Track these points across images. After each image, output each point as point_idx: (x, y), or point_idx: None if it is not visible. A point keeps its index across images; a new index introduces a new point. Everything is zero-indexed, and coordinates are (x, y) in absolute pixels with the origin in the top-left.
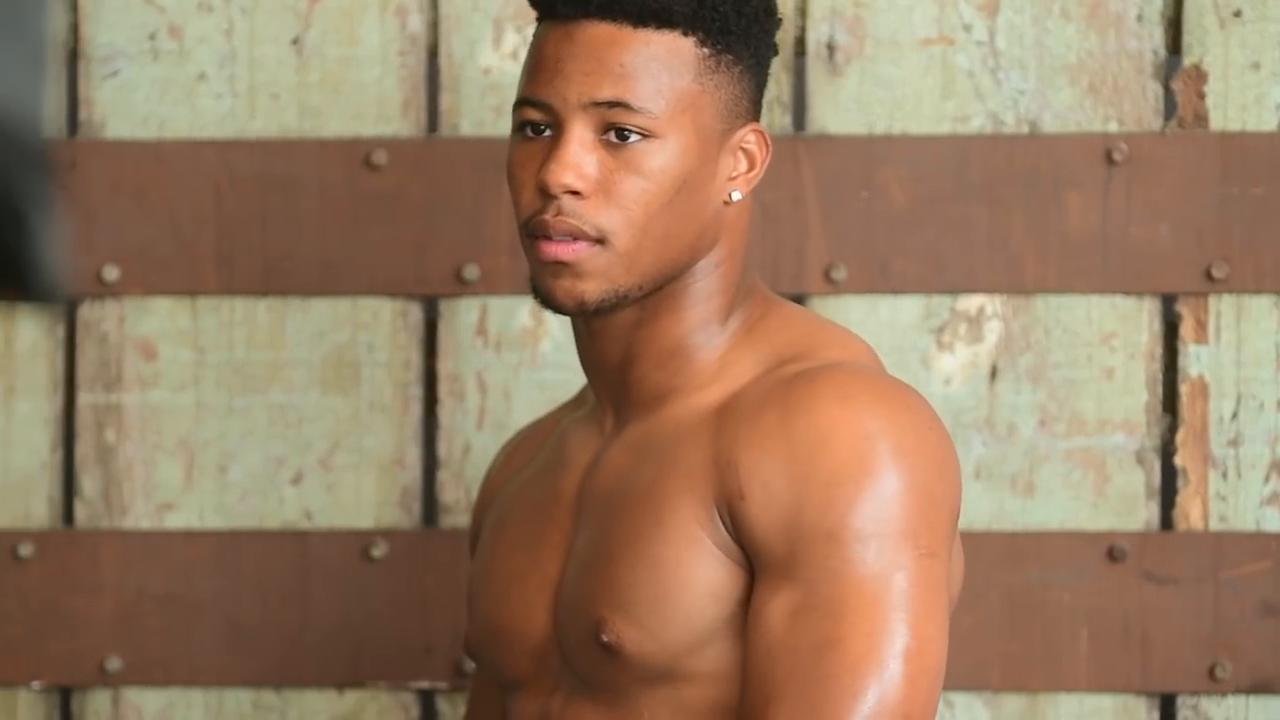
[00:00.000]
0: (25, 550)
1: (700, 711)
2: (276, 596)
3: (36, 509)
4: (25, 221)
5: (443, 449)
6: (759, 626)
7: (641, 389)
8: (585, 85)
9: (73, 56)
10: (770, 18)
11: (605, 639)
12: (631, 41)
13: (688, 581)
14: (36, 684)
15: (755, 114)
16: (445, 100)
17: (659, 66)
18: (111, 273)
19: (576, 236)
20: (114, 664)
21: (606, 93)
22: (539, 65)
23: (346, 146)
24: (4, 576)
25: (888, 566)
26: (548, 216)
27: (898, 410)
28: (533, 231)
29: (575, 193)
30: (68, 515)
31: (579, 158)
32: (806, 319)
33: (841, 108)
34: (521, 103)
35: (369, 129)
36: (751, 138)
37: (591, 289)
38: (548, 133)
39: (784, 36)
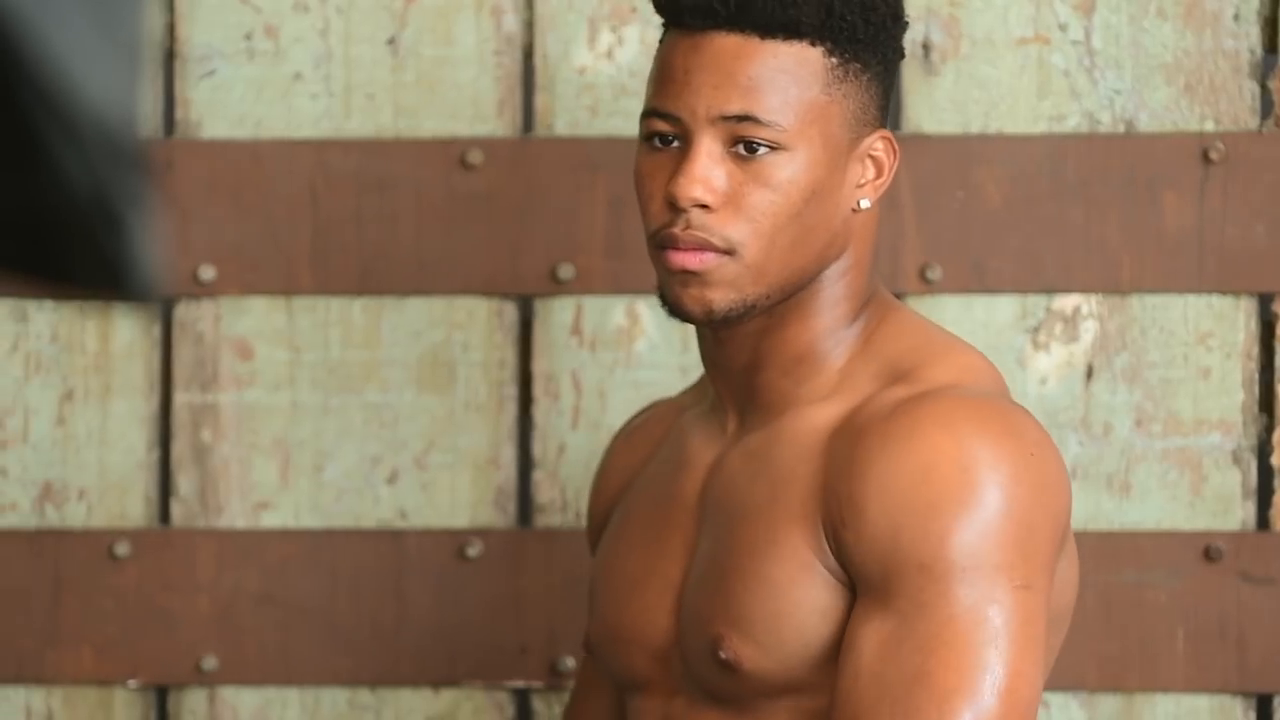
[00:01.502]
0: (122, 549)
1: (818, 716)
2: (372, 596)
3: (133, 508)
4: (122, 222)
5: (537, 448)
6: (850, 651)
7: (766, 394)
8: (713, 99)
9: (169, 57)
10: (897, 23)
11: (723, 655)
12: (759, 53)
13: (801, 602)
14: (133, 682)
15: (883, 120)
16: (540, 100)
17: (787, 78)
18: (207, 272)
19: (704, 248)
20: (210, 663)
21: (735, 106)
22: (667, 76)
23: (442, 146)
24: (101, 576)
25: (981, 600)
26: (676, 230)
27: (998, 438)
28: (661, 243)
29: (704, 206)
30: (164, 515)
31: (707, 171)
32: (920, 327)
33: (937, 107)
34: (649, 113)
35: (464, 129)
36: (879, 145)
37: (719, 298)
38: (676, 144)
39: None
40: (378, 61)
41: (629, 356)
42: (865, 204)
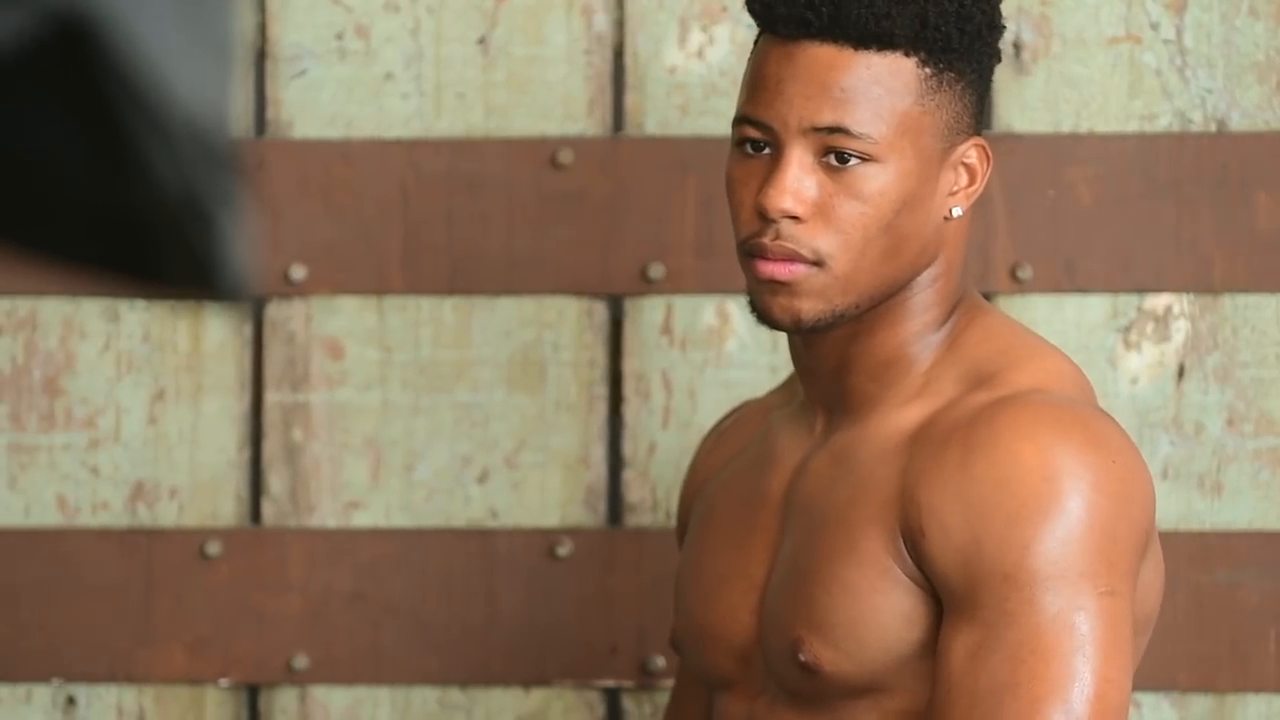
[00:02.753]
0: (213, 549)
1: (901, 716)
2: (462, 595)
3: (224, 508)
4: (213, 221)
5: (628, 448)
6: (941, 663)
7: (853, 398)
8: (805, 110)
9: (260, 57)
10: (993, 30)
11: (803, 658)
12: (852, 64)
13: (881, 607)
14: (224, 681)
15: (977, 127)
16: (630, 99)
17: (880, 90)
18: (298, 272)
19: (793, 259)
20: (301, 662)
21: (826, 118)
22: (759, 84)
23: (532, 146)
24: (192, 575)
25: (1066, 608)
26: (765, 240)
27: (1080, 446)
28: (750, 251)
29: (793, 217)
30: (255, 514)
31: (798, 182)
32: (1007, 330)
33: (1028, 106)
34: (741, 120)
35: (554, 128)
36: (973, 152)
37: (808, 308)
38: (767, 151)
39: None
40: (468, 61)
41: (719, 356)
42: (957, 212)
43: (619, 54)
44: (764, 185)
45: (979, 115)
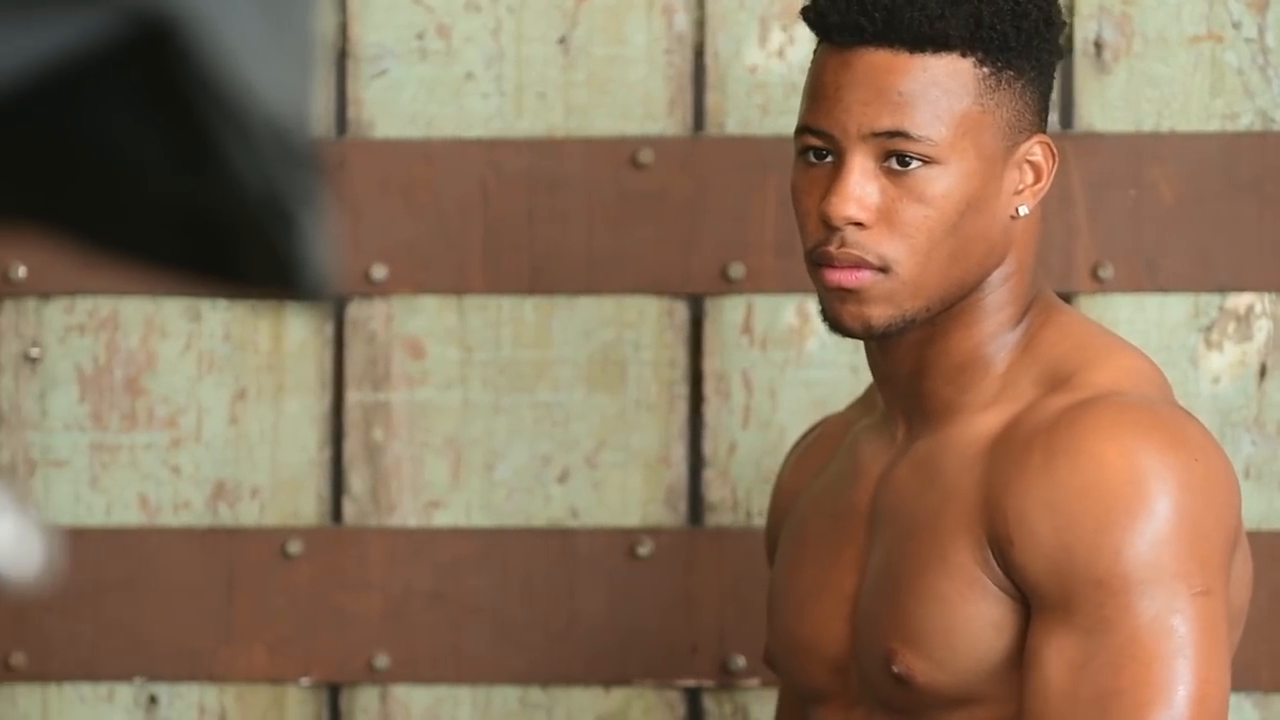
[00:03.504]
0: (294, 548)
1: None
2: (543, 594)
3: (305, 507)
4: (294, 221)
5: (708, 447)
6: (1036, 672)
7: (932, 402)
8: (864, 116)
9: (341, 56)
10: (1051, 27)
11: (896, 670)
12: (909, 68)
13: (972, 616)
14: (305, 680)
15: (1040, 125)
16: (711, 99)
17: (938, 92)
18: (379, 271)
19: (860, 265)
20: (382, 661)
21: (886, 122)
22: (818, 92)
23: (613, 145)
24: (274, 574)
25: (1163, 611)
26: (831, 248)
27: (1163, 447)
28: (817, 260)
29: (858, 224)
30: (336, 513)
31: (860, 189)
32: (1082, 330)
33: (1109, 105)
34: (802, 129)
35: (635, 128)
36: (1037, 150)
37: (878, 314)
38: (829, 159)
39: None
40: (549, 61)
41: (800, 356)
42: (1024, 210)
43: (699, 53)
44: (827, 193)
45: (1042, 113)
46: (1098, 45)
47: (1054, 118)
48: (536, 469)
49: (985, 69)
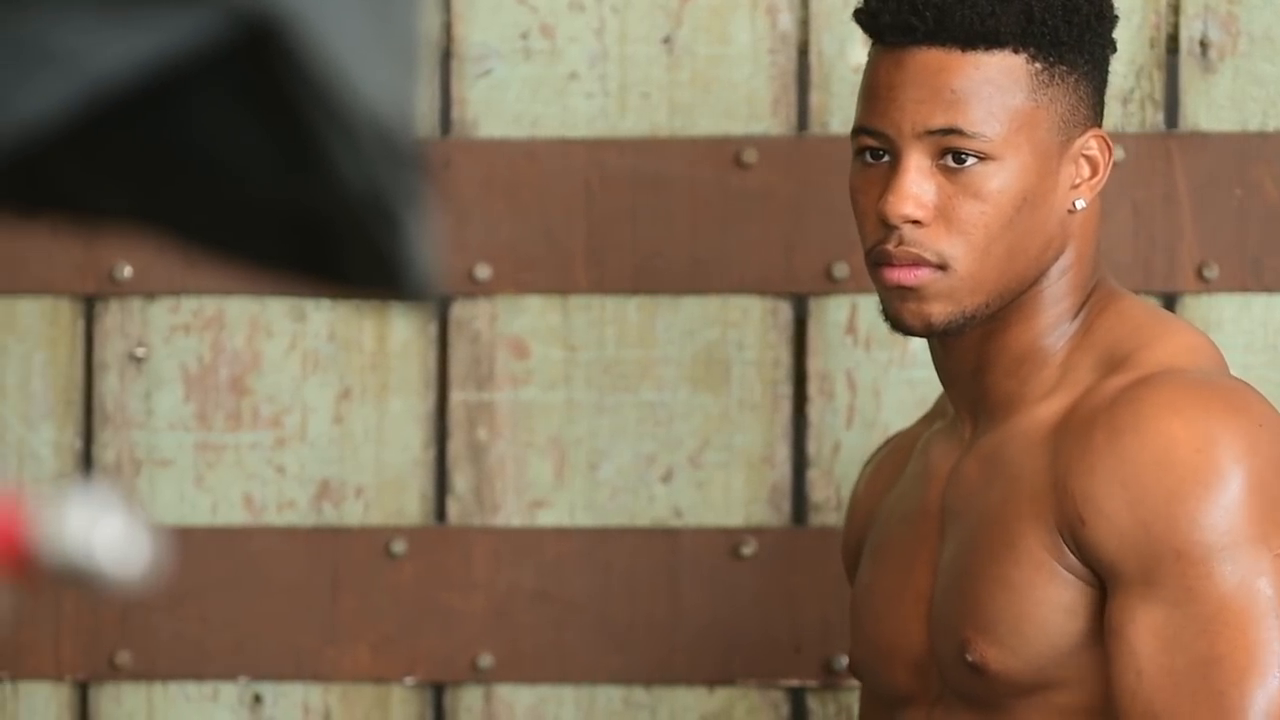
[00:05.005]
0: (399, 547)
1: (1072, 713)
2: (646, 594)
3: (409, 506)
4: (398, 221)
5: (812, 447)
6: (1124, 649)
7: (994, 396)
8: (918, 114)
9: (446, 56)
10: (1103, 20)
11: (970, 659)
12: (962, 65)
13: (1042, 602)
14: (409, 680)
15: (1096, 119)
16: (815, 98)
17: (991, 89)
18: (483, 271)
19: (919, 263)
20: (486, 660)
21: (939, 120)
22: (873, 93)
23: (716, 145)
24: (378, 573)
25: (1247, 575)
26: (890, 246)
27: (1225, 415)
28: (876, 259)
29: (915, 221)
30: (440, 512)
31: (917, 187)
32: (1139, 312)
33: (1214, 105)
34: (858, 130)
35: (739, 127)
36: (1093, 144)
37: (938, 311)
38: (886, 158)
39: (1156, 34)
40: (653, 60)
41: (903, 355)
42: (1081, 204)
43: (803, 53)
44: (884, 193)
45: (1097, 106)
46: (1203, 44)
47: (1159, 117)
48: (640, 469)
49: (1038, 64)
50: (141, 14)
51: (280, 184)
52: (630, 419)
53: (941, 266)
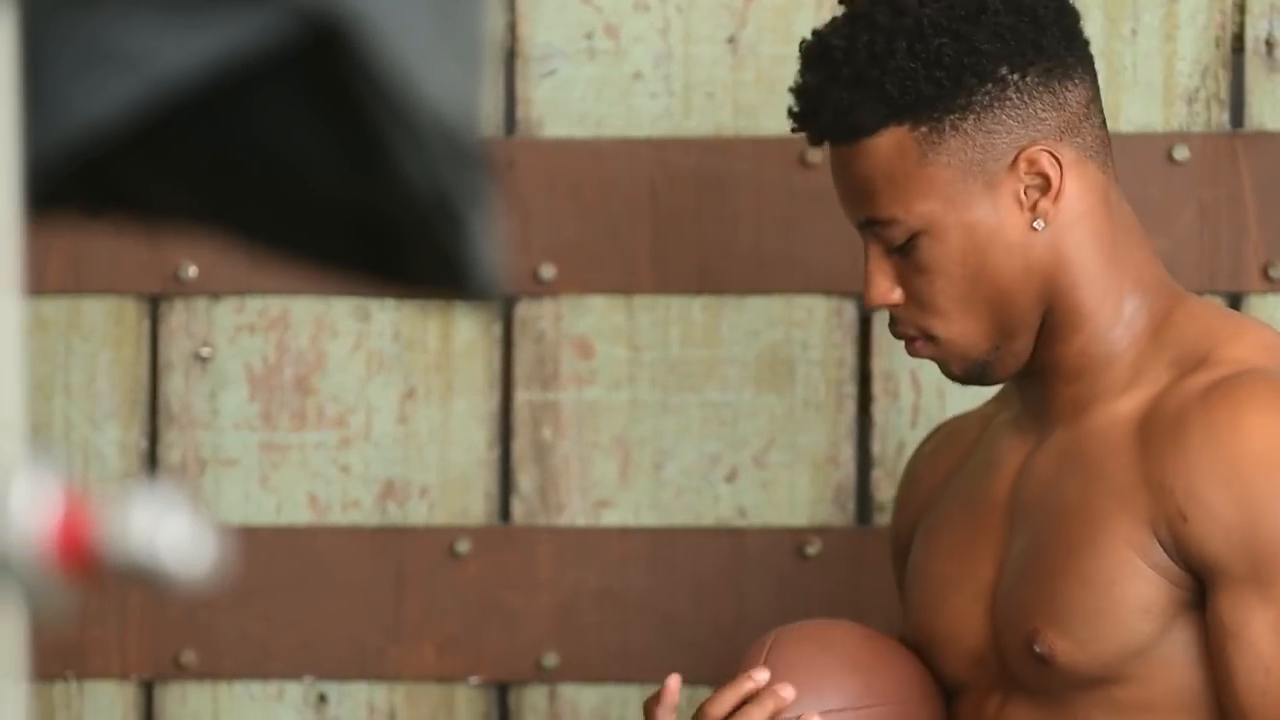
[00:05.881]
0: (463, 547)
1: (1132, 709)
2: (711, 593)
3: (474, 506)
4: (463, 221)
5: (877, 447)
6: (1245, 650)
7: (1060, 401)
8: (851, 210)
9: (510, 56)
10: (976, 54)
11: (1038, 650)
12: (855, 157)
13: (1120, 598)
14: (474, 679)
15: (1027, 136)
16: None
17: (889, 168)
18: (548, 271)
19: (915, 338)
20: (550, 660)
21: (859, 215)
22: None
23: (781, 144)
24: (443, 573)
25: None
26: (890, 326)
27: None
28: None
29: (891, 305)
30: (504, 512)
31: (878, 275)
32: (1211, 312)
33: None
34: None
35: None
36: (1040, 159)
37: (956, 369)
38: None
39: (1221, 34)
40: (717, 60)
41: None
42: (1040, 225)
43: None
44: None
45: (1027, 119)
46: (1268, 44)
47: (1224, 116)
48: (704, 468)
49: (923, 128)
50: (207, 14)
51: (345, 184)
52: (695, 419)
53: (931, 338)
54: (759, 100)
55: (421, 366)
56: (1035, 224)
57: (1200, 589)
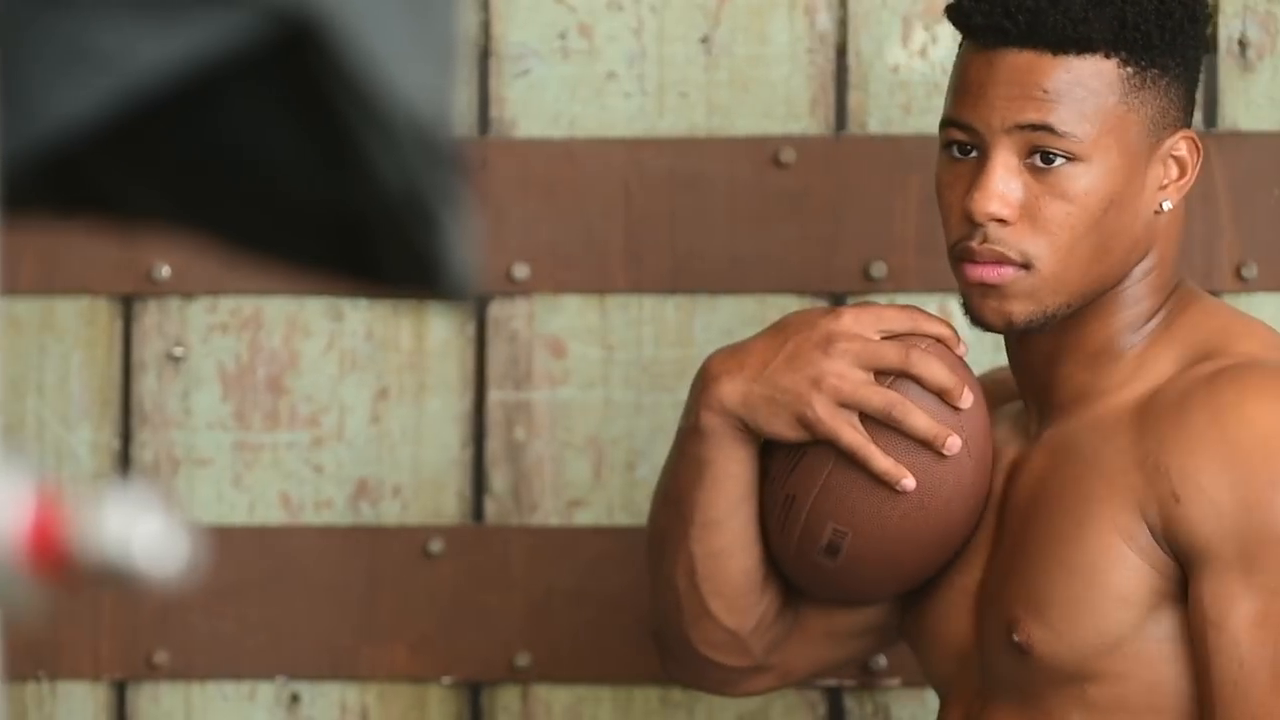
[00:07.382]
0: (436, 546)
1: (1105, 709)
2: None
3: (447, 506)
4: (436, 220)
5: None
6: (1224, 639)
7: (1065, 389)
8: (1009, 110)
9: (484, 55)
10: (1196, 23)
11: (1016, 638)
12: (1053, 68)
13: (1101, 586)
14: (447, 679)
15: (1185, 120)
16: (853, 98)
17: (1082, 91)
18: (521, 270)
19: (1002, 261)
20: (523, 660)
21: (1030, 116)
22: (962, 88)
23: (755, 144)
24: (415, 573)
25: None
26: (974, 244)
27: None
28: (959, 255)
29: (1001, 220)
30: (477, 512)
31: (1004, 185)
32: (1223, 311)
33: (1253, 104)
34: (947, 123)
35: (777, 127)
36: (1182, 145)
37: (1019, 310)
38: (974, 154)
39: None
40: (691, 60)
41: None
42: (1168, 205)
43: (842, 53)
44: (971, 189)
45: (1188, 108)
46: (1242, 44)
47: (1197, 116)
48: None
49: (1129, 69)
50: (180, 14)
51: (318, 183)
52: (668, 418)
53: (1025, 266)
54: (732, 100)
55: (394, 366)
56: (1164, 204)
57: (1183, 579)
